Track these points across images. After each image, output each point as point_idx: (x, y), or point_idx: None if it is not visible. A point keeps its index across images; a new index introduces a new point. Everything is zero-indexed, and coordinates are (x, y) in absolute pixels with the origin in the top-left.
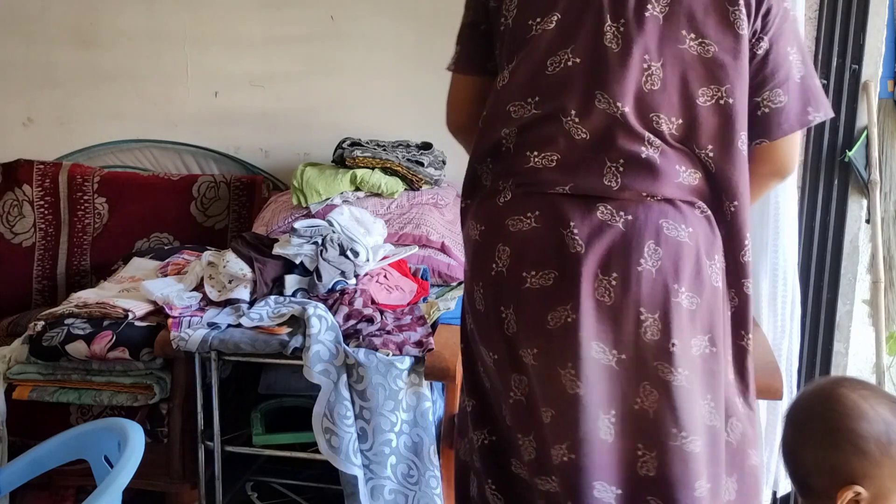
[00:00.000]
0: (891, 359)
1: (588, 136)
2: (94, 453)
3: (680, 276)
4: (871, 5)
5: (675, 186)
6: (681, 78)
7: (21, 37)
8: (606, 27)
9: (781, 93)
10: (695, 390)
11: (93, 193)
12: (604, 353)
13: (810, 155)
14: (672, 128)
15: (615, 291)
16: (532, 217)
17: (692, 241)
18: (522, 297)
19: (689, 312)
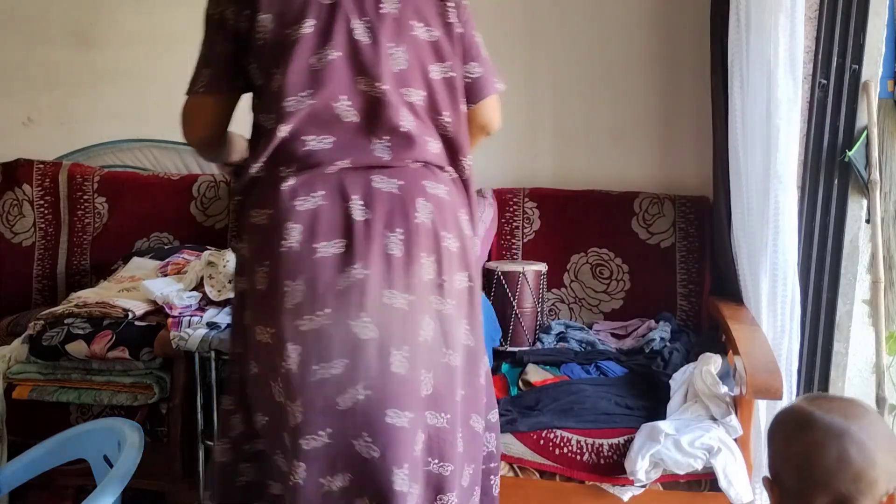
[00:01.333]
0: (891, 359)
1: (357, 117)
2: (94, 453)
3: (445, 224)
4: (871, 5)
5: (428, 153)
6: (417, 58)
7: (21, 37)
8: (355, 24)
9: (478, 66)
10: (458, 316)
11: (93, 193)
12: (397, 298)
13: (810, 155)
14: (419, 99)
15: (403, 244)
16: (318, 196)
17: (449, 196)
18: (315, 266)
19: (453, 254)
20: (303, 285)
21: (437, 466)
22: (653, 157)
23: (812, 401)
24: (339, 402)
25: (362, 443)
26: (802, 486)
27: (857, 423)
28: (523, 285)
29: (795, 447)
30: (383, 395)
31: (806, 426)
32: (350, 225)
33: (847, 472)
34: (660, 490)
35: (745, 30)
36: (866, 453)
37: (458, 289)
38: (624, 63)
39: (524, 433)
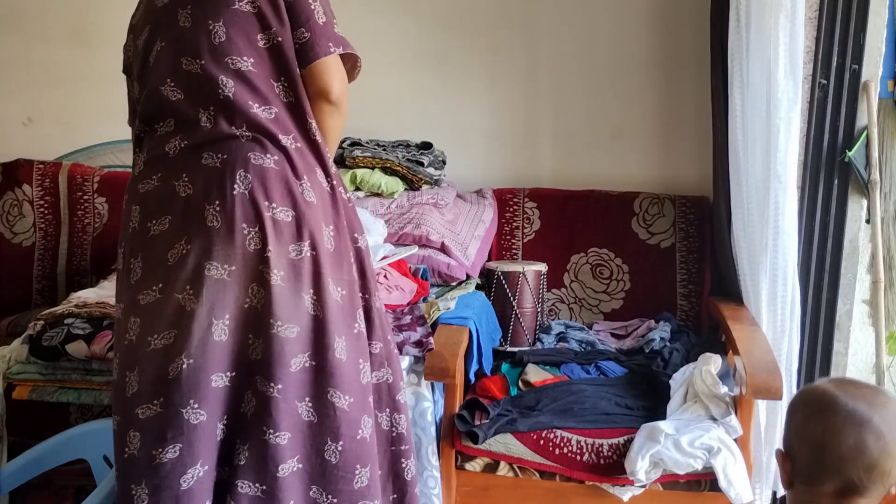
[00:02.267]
0: (891, 359)
1: (183, 94)
2: (94, 453)
3: (270, 195)
4: (871, 5)
5: (257, 119)
6: (241, 30)
7: (21, 37)
8: (178, 15)
9: (305, 31)
10: (293, 288)
11: (93, 193)
12: (217, 269)
13: (810, 155)
14: (247, 66)
15: (219, 216)
16: (155, 178)
17: (278, 166)
18: (148, 244)
19: (283, 224)
20: (141, 262)
21: (271, 436)
22: (653, 157)
23: (839, 384)
24: (169, 372)
25: (190, 411)
26: (814, 467)
27: (879, 412)
28: (523, 285)
29: (813, 428)
30: (205, 363)
31: (828, 409)
32: (175, 202)
33: (861, 462)
34: (660, 490)
35: (745, 30)
36: (883, 444)
37: (293, 259)
38: (624, 63)
39: (524, 433)
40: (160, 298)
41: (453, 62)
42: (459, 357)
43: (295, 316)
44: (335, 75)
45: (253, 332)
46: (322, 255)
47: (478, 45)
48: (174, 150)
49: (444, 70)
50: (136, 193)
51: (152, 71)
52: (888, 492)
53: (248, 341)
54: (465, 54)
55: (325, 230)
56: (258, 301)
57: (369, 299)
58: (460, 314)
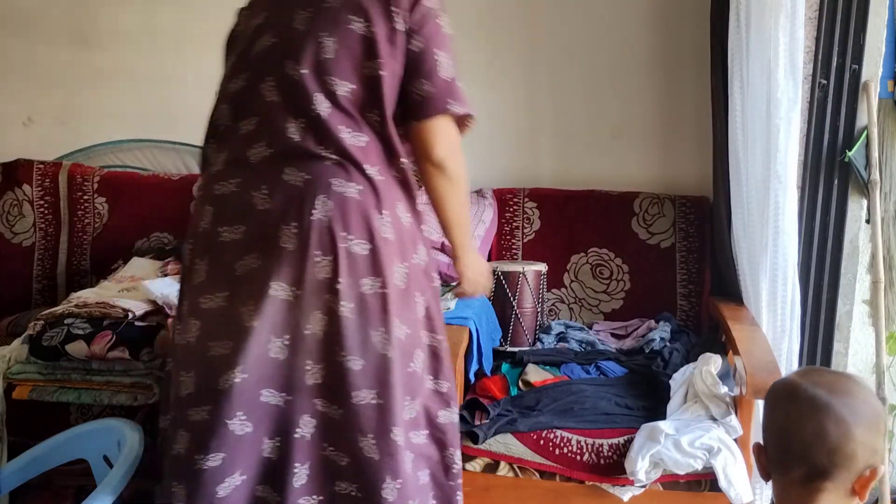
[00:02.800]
0: (891, 359)
1: (279, 98)
2: (94, 453)
3: (348, 225)
4: (871, 5)
5: (343, 143)
6: (349, 51)
7: (21, 37)
8: (296, 14)
9: (426, 83)
10: (360, 322)
11: (93, 193)
12: (284, 290)
13: (810, 155)
14: (346, 90)
15: (295, 239)
16: (234, 182)
17: (360, 196)
18: (218, 248)
19: (357, 257)
20: (207, 265)
21: (332, 453)
22: (653, 157)
23: (805, 374)
24: (220, 383)
25: (237, 421)
26: (781, 455)
27: (840, 398)
28: (523, 285)
29: (778, 417)
30: (258, 378)
31: (790, 398)
32: (252, 214)
33: (823, 446)
34: (660, 490)
35: (745, 30)
36: (843, 428)
37: (364, 293)
38: (624, 63)
39: (524, 433)
40: (223, 307)
41: None
42: (459, 357)
43: (361, 350)
44: (442, 136)
45: (313, 358)
46: (392, 293)
47: (478, 44)
48: (257, 158)
49: None
50: (211, 193)
51: (254, 63)
52: (861, 474)
53: (304, 366)
54: (465, 54)
55: (398, 267)
56: (322, 329)
57: (439, 340)
58: (460, 314)
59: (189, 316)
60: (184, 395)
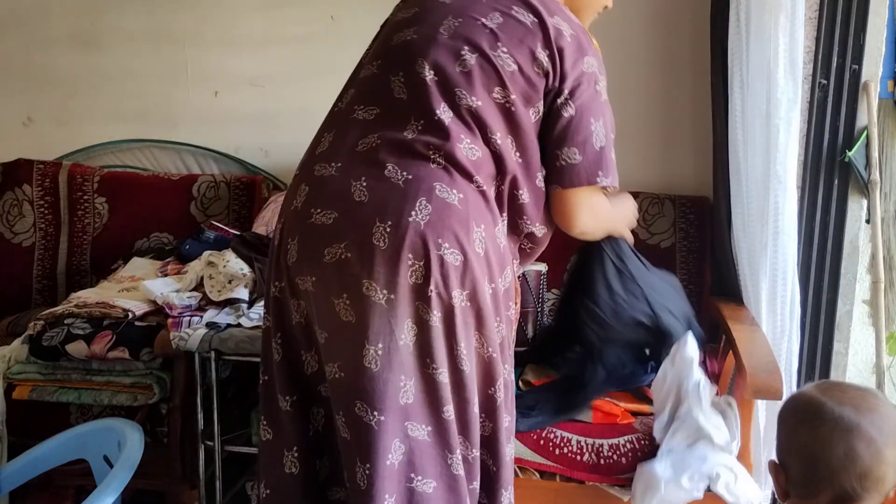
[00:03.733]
0: (891, 359)
1: (406, 96)
2: (94, 453)
3: (443, 233)
4: (871, 5)
5: (456, 151)
6: (486, 75)
7: (21, 37)
8: (446, 20)
9: (578, 152)
10: (446, 334)
11: (93, 193)
12: (375, 291)
13: (810, 155)
14: (471, 104)
15: (389, 237)
16: (334, 167)
17: (461, 206)
18: (307, 229)
19: (450, 266)
20: (297, 245)
21: (420, 484)
22: (653, 157)
23: (825, 389)
24: (327, 371)
25: (340, 420)
26: (807, 478)
27: (868, 416)
28: (523, 285)
29: (803, 438)
30: (354, 385)
31: (815, 418)
32: (347, 203)
33: (853, 470)
34: None
35: (745, 30)
36: (874, 450)
37: (454, 304)
38: (624, 63)
39: (524, 433)
40: (315, 293)
41: None
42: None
43: (447, 362)
44: (584, 209)
45: (406, 370)
46: (480, 307)
47: None
48: (364, 147)
49: None
50: (310, 173)
51: (390, 54)
52: (887, 495)
53: (399, 383)
54: None
55: (486, 286)
56: (412, 338)
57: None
58: None
59: (291, 297)
60: (310, 373)
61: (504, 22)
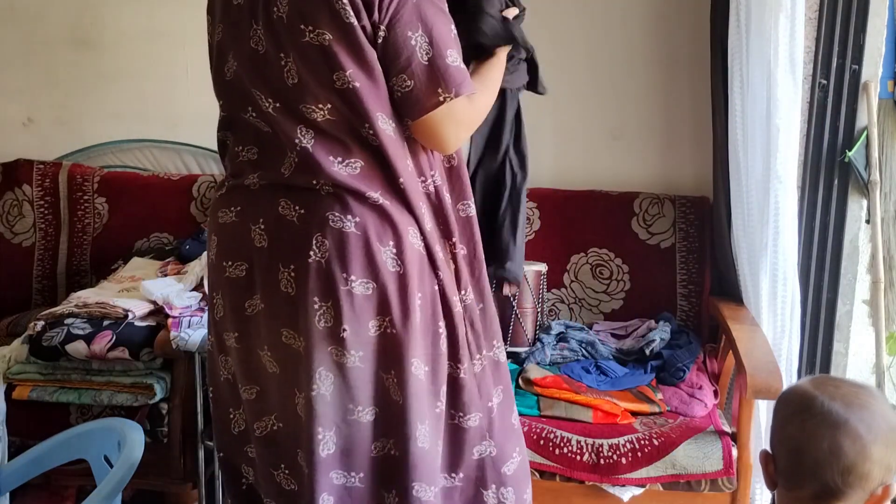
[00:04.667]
0: (891, 359)
1: (270, 129)
2: (94, 453)
3: (349, 265)
4: (871, 5)
5: (336, 176)
6: (313, 68)
7: (21, 37)
8: (251, 31)
9: (406, 77)
10: (369, 368)
11: (93, 193)
12: (294, 338)
13: (810, 155)
14: (324, 113)
15: (295, 283)
16: (234, 212)
17: (359, 230)
18: (226, 285)
19: (361, 298)
20: (222, 300)
21: None
22: (653, 157)
23: (819, 384)
24: (256, 429)
25: (281, 474)
26: (792, 470)
27: (857, 413)
28: (523, 285)
29: (790, 431)
30: (294, 434)
31: (804, 411)
32: (251, 249)
33: (837, 465)
34: (660, 490)
35: (745, 30)
36: (860, 446)
37: (371, 336)
38: (624, 63)
39: (524, 433)
40: (239, 349)
41: None
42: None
43: (374, 398)
44: (448, 127)
45: (325, 421)
46: (405, 332)
47: None
48: (255, 186)
49: None
50: (215, 221)
51: (228, 90)
52: (873, 492)
53: (317, 436)
54: None
55: (413, 300)
56: (330, 386)
57: (459, 368)
58: None
59: (219, 353)
60: (237, 433)
61: None
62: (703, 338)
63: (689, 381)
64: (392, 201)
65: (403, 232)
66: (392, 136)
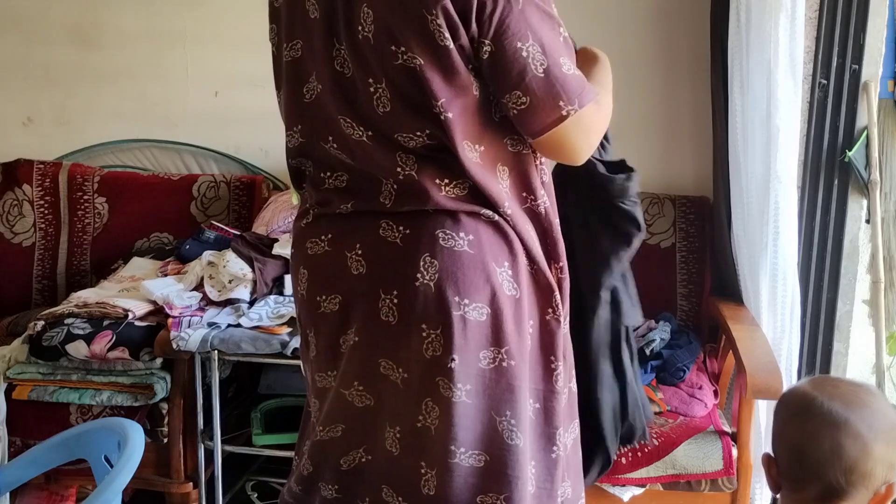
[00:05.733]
0: (891, 359)
1: (353, 161)
2: (94, 453)
3: (463, 288)
4: (871, 5)
5: (446, 199)
6: (405, 94)
7: (21, 37)
8: (335, 52)
9: (521, 94)
10: (478, 405)
11: (93, 193)
12: (393, 370)
13: (810, 155)
14: (423, 140)
15: (397, 310)
16: (325, 240)
17: (473, 249)
18: (319, 322)
19: (474, 325)
20: (315, 339)
21: None
22: (653, 157)
23: (818, 384)
24: (343, 464)
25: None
26: (795, 471)
27: (857, 412)
28: None
29: (791, 432)
30: (379, 468)
31: (804, 412)
32: (348, 279)
33: (839, 465)
34: (660, 490)
35: (745, 30)
36: (861, 445)
37: (483, 368)
38: (623, 63)
39: None
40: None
41: None
42: None
43: (482, 442)
44: (578, 138)
45: (426, 458)
46: (521, 364)
47: None
48: (348, 210)
49: None
50: (303, 253)
51: (309, 113)
52: (877, 490)
53: (420, 469)
54: None
55: (527, 325)
56: (433, 420)
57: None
58: None
59: (311, 394)
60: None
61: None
62: (703, 338)
63: (689, 381)
64: (503, 219)
65: (516, 253)
66: (479, 162)
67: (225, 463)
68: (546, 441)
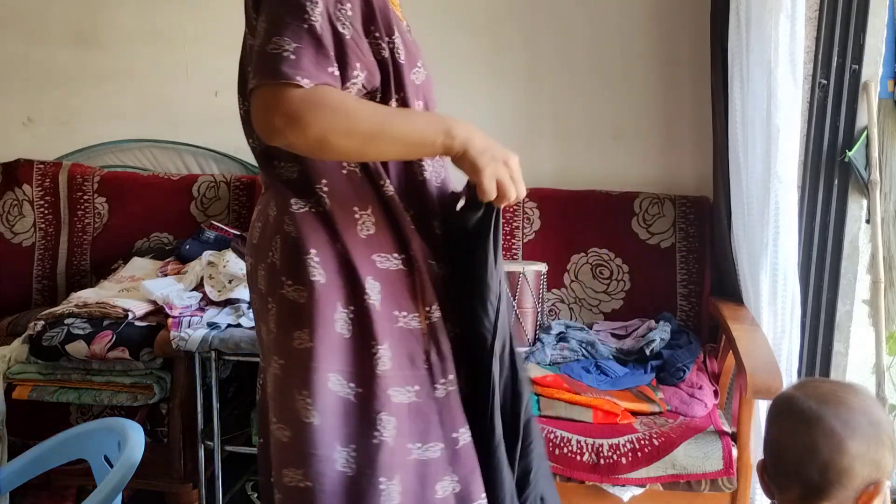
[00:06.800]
0: (891, 359)
1: None
2: (94, 453)
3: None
4: (871, 5)
5: (278, 177)
6: (242, 64)
7: (21, 37)
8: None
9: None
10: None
11: (93, 193)
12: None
13: (810, 155)
14: (245, 113)
15: (263, 280)
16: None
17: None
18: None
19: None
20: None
21: None
22: (653, 157)
23: (802, 384)
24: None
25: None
26: (778, 472)
27: (833, 409)
28: (523, 285)
29: (772, 433)
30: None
31: (783, 412)
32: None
33: (814, 462)
34: (660, 490)
35: (745, 30)
36: (835, 442)
37: (293, 347)
38: (624, 63)
39: None
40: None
41: (453, 62)
42: None
43: (284, 415)
44: (260, 109)
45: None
46: (320, 347)
47: (478, 44)
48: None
49: (443, 70)
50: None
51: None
52: (865, 490)
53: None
54: (464, 54)
55: (339, 314)
56: (270, 392)
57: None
58: None
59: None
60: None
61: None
62: (703, 338)
63: (689, 381)
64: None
65: (332, 238)
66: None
67: (225, 463)
68: (366, 425)
